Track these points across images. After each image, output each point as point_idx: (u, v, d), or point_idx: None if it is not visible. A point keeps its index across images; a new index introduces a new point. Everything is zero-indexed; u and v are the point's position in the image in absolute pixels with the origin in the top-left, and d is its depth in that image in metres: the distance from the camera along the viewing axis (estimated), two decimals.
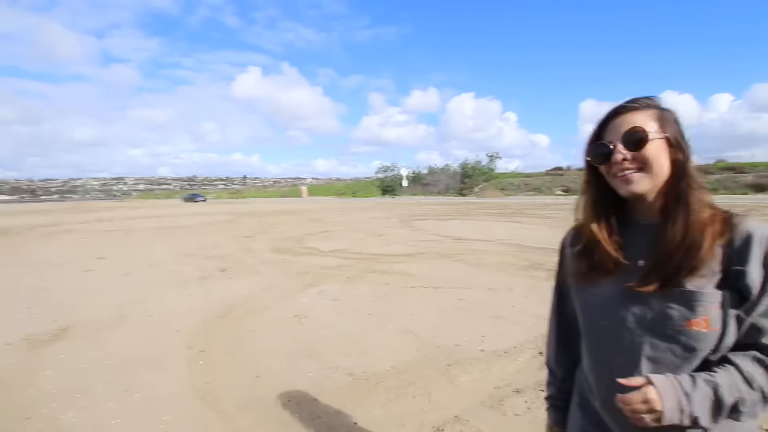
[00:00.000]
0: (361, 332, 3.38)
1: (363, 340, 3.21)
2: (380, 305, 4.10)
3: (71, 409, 2.31)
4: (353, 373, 2.63)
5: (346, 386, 2.48)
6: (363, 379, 2.56)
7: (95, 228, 14.28)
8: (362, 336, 3.29)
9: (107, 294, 4.87)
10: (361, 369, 2.69)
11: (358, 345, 3.11)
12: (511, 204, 22.57)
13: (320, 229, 11.67)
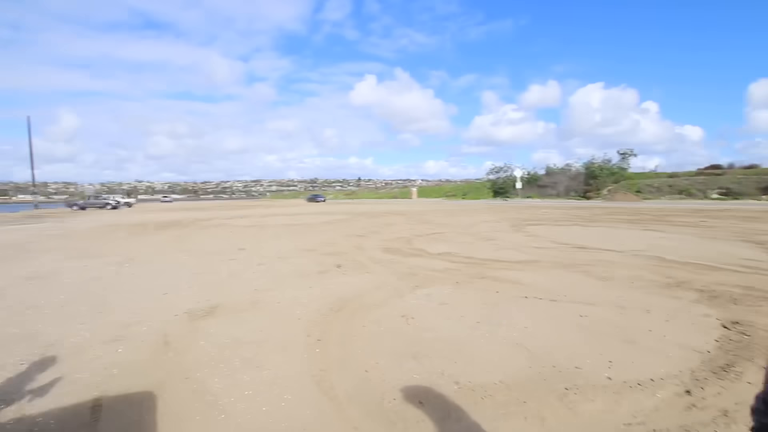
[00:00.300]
0: (468, 339, 3.28)
1: (470, 348, 3.11)
2: (489, 313, 3.93)
3: (216, 376, 2.74)
4: (459, 382, 2.57)
5: (452, 394, 2.43)
6: (469, 389, 2.47)
7: (238, 223, 16.78)
8: (469, 344, 3.19)
9: (245, 280, 5.66)
10: (468, 378, 2.61)
11: (464, 352, 3.02)
12: (648, 209, 19.48)
13: (429, 231, 11.74)
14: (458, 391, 2.46)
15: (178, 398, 2.46)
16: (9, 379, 2.73)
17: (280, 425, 2.15)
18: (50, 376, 2.76)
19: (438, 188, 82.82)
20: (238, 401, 2.41)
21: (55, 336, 3.54)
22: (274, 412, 2.28)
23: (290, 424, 2.16)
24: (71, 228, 15.68)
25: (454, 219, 16.63)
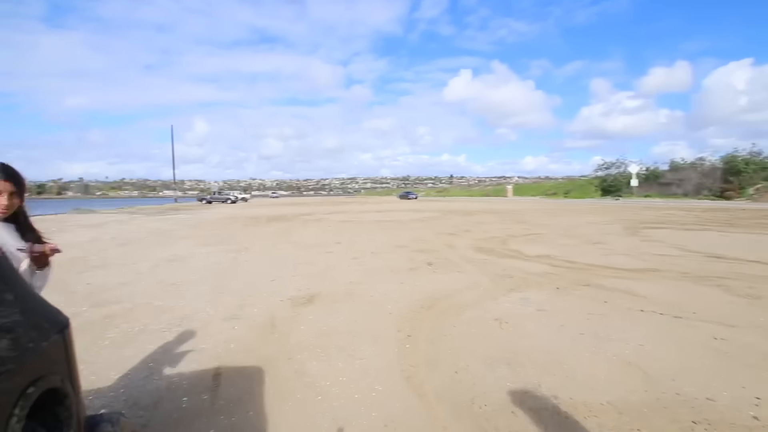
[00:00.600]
0: (569, 352, 3.00)
1: (572, 361, 2.84)
2: (596, 325, 3.54)
3: (314, 360, 2.95)
4: (558, 396, 2.36)
5: (549, 408, 2.24)
6: (570, 406, 2.26)
7: (335, 218, 17.83)
8: (571, 356, 2.92)
9: (341, 273, 5.99)
10: (568, 394, 2.39)
11: (565, 365, 2.77)
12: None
13: (525, 231, 11.05)
14: (557, 407, 2.26)
15: (281, 376, 2.70)
16: (155, 343, 3.30)
17: (371, 414, 2.22)
18: (183, 344, 3.26)
19: (536, 186, 77.53)
20: (333, 386, 2.56)
21: (187, 310, 4.17)
22: (365, 401, 2.37)
23: (380, 414, 2.22)
24: (201, 219, 18.34)
25: (554, 219, 15.39)
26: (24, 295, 0.70)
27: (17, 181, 1.52)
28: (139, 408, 2.32)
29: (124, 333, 3.52)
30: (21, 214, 1.59)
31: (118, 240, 10.43)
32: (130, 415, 2.22)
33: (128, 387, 2.58)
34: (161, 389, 2.54)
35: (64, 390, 0.74)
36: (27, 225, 1.61)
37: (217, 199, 46.32)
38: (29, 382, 0.65)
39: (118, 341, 3.33)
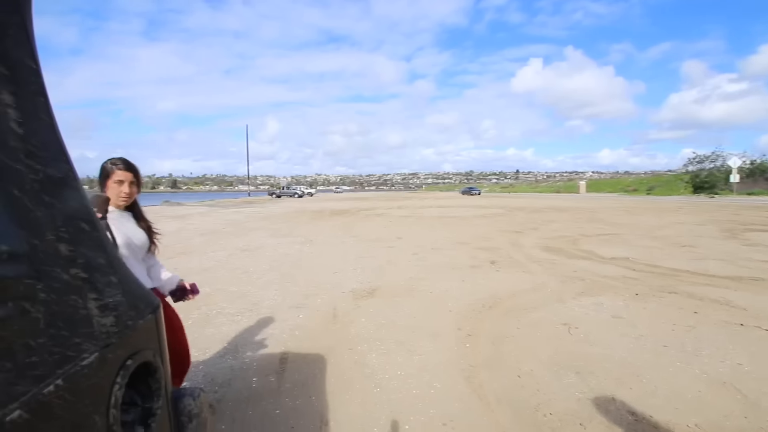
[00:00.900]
0: (650, 365, 2.73)
1: (652, 375, 2.58)
2: (682, 338, 3.18)
3: (374, 352, 3.00)
4: (635, 413, 2.16)
5: (625, 425, 2.06)
6: (650, 425, 2.06)
7: (396, 213, 17.96)
8: (652, 370, 2.65)
9: (402, 267, 6.02)
10: (648, 411, 2.17)
11: (644, 379, 2.53)
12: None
13: (600, 231, 10.23)
14: (634, 424, 2.07)
15: (342, 365, 2.79)
16: (229, 326, 3.59)
17: (428, 411, 2.22)
18: (254, 328, 3.51)
19: (614, 181, 71.42)
20: (392, 379, 2.59)
21: (258, 297, 4.48)
22: (423, 397, 2.36)
23: (438, 411, 2.21)
24: (271, 212, 19.54)
25: (634, 218, 14.05)
26: (125, 278, 0.79)
27: (136, 172, 1.76)
28: (215, 384, 2.55)
29: (204, 315, 3.88)
30: (136, 204, 1.83)
31: (199, 230, 11.48)
32: (208, 390, 2.45)
33: (206, 364, 2.83)
34: (234, 368, 2.76)
35: (156, 364, 0.82)
36: (141, 214, 1.85)
37: (286, 193, 49.08)
38: (128, 355, 0.74)
39: (199, 322, 3.68)
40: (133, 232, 1.75)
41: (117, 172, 1.70)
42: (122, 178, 1.71)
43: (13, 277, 0.52)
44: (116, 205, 1.73)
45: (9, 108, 0.57)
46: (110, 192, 1.71)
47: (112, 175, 1.70)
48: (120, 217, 1.74)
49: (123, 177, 1.71)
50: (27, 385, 0.49)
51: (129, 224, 1.77)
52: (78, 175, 0.71)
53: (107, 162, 1.73)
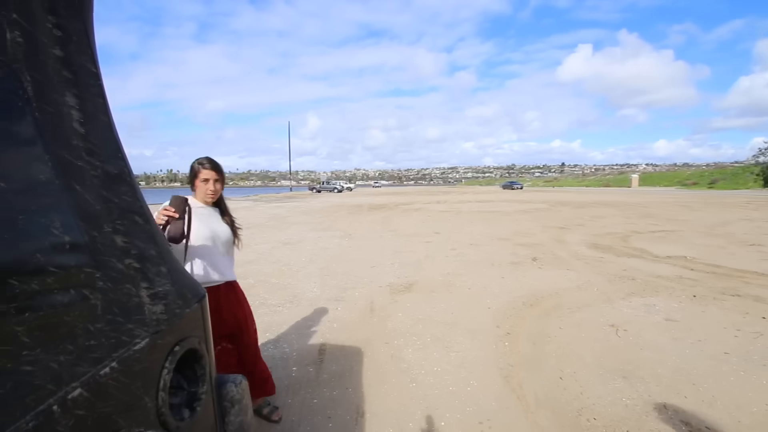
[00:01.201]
0: (707, 372, 2.53)
1: (711, 384, 2.40)
2: (747, 345, 2.92)
3: (410, 347, 3.01)
4: (689, 423, 2.02)
5: None
6: None
7: (435, 208, 17.79)
8: (710, 378, 2.46)
9: (439, 263, 5.97)
10: (705, 422, 2.02)
11: (700, 388, 2.35)
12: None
13: (654, 228, 9.58)
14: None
15: (378, 358, 2.82)
16: (271, 316, 3.73)
17: (465, 408, 2.19)
18: (294, 319, 3.63)
19: (670, 174, 66.59)
20: (428, 375, 2.58)
21: (298, 289, 4.61)
22: (459, 394, 2.34)
23: (475, 410, 2.18)
24: (311, 207, 20.02)
25: (692, 214, 13.03)
26: (174, 269, 0.84)
27: (220, 171, 1.90)
28: None
29: None
30: (222, 200, 1.97)
31: (244, 224, 11.94)
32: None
33: None
34: (275, 357, 2.87)
35: (201, 351, 0.87)
36: (226, 209, 1.99)
37: (325, 188, 50.09)
38: (176, 341, 0.78)
39: None
40: (218, 226, 1.88)
41: (203, 171, 1.84)
42: (208, 177, 1.84)
43: (75, 266, 0.56)
44: (204, 202, 1.88)
45: (72, 109, 0.62)
46: (198, 190, 1.86)
47: (199, 174, 1.84)
48: (207, 212, 1.88)
49: (208, 176, 1.84)
50: (86, 366, 0.54)
51: (214, 219, 1.90)
52: (132, 171, 0.77)
53: (195, 162, 1.87)
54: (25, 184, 0.51)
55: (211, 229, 1.84)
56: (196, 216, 1.78)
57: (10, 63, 0.52)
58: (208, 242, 1.82)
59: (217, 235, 1.87)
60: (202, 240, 1.80)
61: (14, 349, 0.45)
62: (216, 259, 1.87)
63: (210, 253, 1.84)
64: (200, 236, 1.79)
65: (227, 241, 1.92)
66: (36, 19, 0.56)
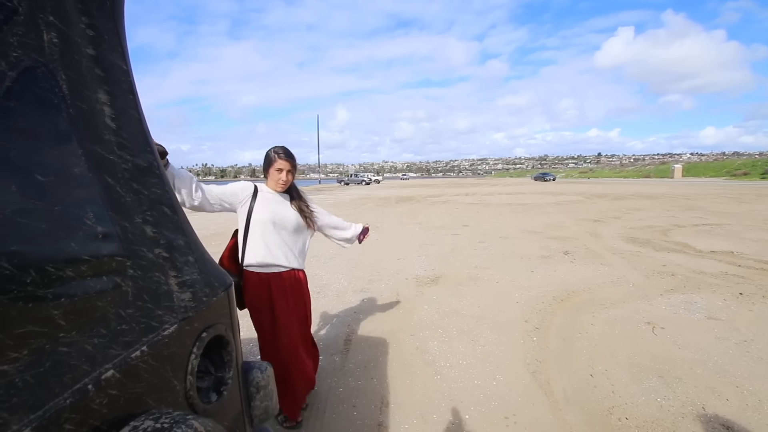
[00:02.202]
0: (753, 374, 2.38)
1: (755, 386, 2.25)
2: None
3: (435, 340, 3.00)
4: (732, 428, 1.91)
5: None
6: None
7: (463, 200, 17.55)
8: (756, 381, 2.31)
9: (467, 256, 5.90)
10: (750, 427, 1.91)
11: (744, 390, 2.22)
12: None
13: (698, 221, 9.05)
14: None
15: (403, 350, 2.84)
16: None
17: (490, 403, 2.17)
18: (321, 309, 3.70)
19: (718, 164, 62.54)
20: (453, 368, 2.57)
21: (325, 280, 4.69)
22: (485, 388, 2.32)
23: (500, 404, 2.15)
24: (339, 199, 20.23)
25: (742, 207, 12.20)
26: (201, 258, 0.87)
27: (293, 161, 1.96)
28: None
29: None
30: (293, 188, 2.04)
31: None
32: None
33: None
34: None
35: (227, 338, 0.90)
36: (295, 196, 2.04)
37: (354, 180, 50.43)
38: (203, 328, 0.81)
39: None
40: (283, 212, 1.93)
41: (279, 161, 1.90)
42: (282, 167, 1.90)
43: (108, 255, 0.60)
44: (274, 189, 1.95)
45: (105, 105, 0.65)
46: (270, 177, 1.93)
47: (274, 163, 1.90)
48: (274, 198, 1.94)
49: (283, 165, 1.90)
50: (118, 349, 0.57)
51: (282, 206, 1.95)
52: (161, 164, 0.80)
53: (271, 150, 1.93)
54: (62, 177, 0.55)
55: (275, 214, 1.89)
56: (261, 200, 1.88)
57: (47, 63, 0.54)
58: (270, 227, 1.87)
59: (282, 220, 1.91)
60: (264, 224, 1.86)
61: (52, 331, 0.48)
62: (281, 245, 1.91)
63: (274, 239, 1.88)
64: (262, 220, 1.86)
65: (294, 228, 1.95)
66: (71, 21, 0.59)
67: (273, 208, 1.89)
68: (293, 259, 1.97)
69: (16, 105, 0.49)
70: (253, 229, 1.86)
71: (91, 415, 0.51)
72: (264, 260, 1.87)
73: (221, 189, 1.86)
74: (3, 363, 0.42)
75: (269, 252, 1.88)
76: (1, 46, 0.47)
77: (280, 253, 1.90)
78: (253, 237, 1.87)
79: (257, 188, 1.93)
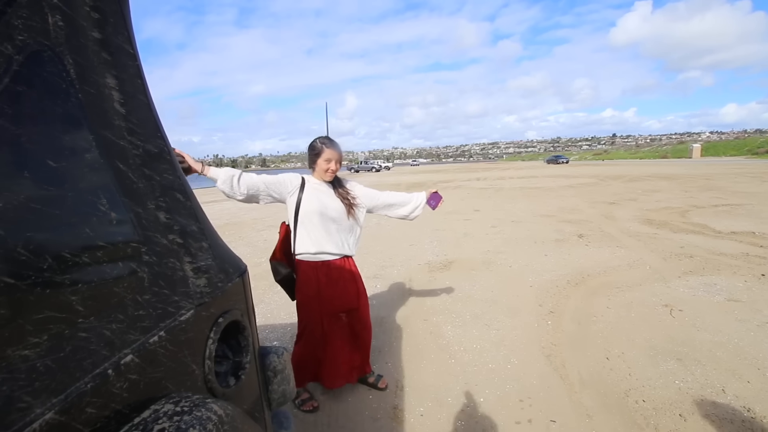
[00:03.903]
0: None
1: None
2: None
3: (448, 324, 3.01)
4: (752, 409, 1.88)
5: (737, 422, 1.81)
6: None
7: (474, 185, 17.38)
8: None
9: (479, 240, 5.86)
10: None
11: (767, 373, 2.17)
12: None
13: (717, 201, 8.81)
14: (750, 421, 1.81)
15: (417, 335, 2.85)
16: None
17: (505, 386, 2.18)
18: None
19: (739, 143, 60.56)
20: (467, 352, 2.58)
21: None
22: (499, 371, 2.32)
23: (515, 387, 2.15)
24: None
25: (765, 186, 11.83)
26: (215, 244, 0.87)
27: (340, 152, 1.99)
28: None
29: None
30: (338, 178, 2.07)
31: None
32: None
33: (294, 325, 3.09)
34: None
35: (243, 323, 0.90)
36: (339, 186, 2.06)
37: (364, 167, 50.33)
38: (219, 313, 0.82)
39: None
40: (329, 202, 1.96)
41: (326, 151, 1.93)
42: (330, 157, 1.93)
43: (122, 241, 0.60)
44: (322, 179, 1.98)
45: (113, 90, 0.64)
46: (317, 167, 1.96)
47: (322, 154, 1.93)
48: (321, 188, 1.97)
49: (330, 155, 1.93)
50: (136, 334, 0.57)
51: (327, 196, 1.98)
52: (172, 150, 0.79)
53: (317, 141, 1.96)
54: (73, 163, 0.54)
55: (322, 203, 1.92)
56: (309, 191, 1.92)
57: (53, 47, 0.53)
58: (318, 216, 1.91)
59: (329, 209, 1.94)
60: (312, 215, 1.90)
61: (71, 317, 0.48)
62: (329, 233, 1.94)
63: (322, 227, 1.92)
64: (311, 210, 1.90)
65: (340, 217, 1.97)
66: (75, 3, 0.58)
67: (321, 198, 1.93)
68: (343, 246, 2.00)
69: (24, 90, 0.48)
70: (302, 220, 1.91)
71: (112, 398, 0.52)
72: (313, 249, 1.92)
73: (269, 180, 1.88)
74: (24, 348, 0.43)
75: (318, 241, 1.92)
76: (6, 29, 0.46)
77: (329, 241, 1.94)
78: (302, 227, 1.91)
79: (305, 179, 1.97)
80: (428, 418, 1.94)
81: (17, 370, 0.41)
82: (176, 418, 0.54)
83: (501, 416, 1.93)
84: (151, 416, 0.54)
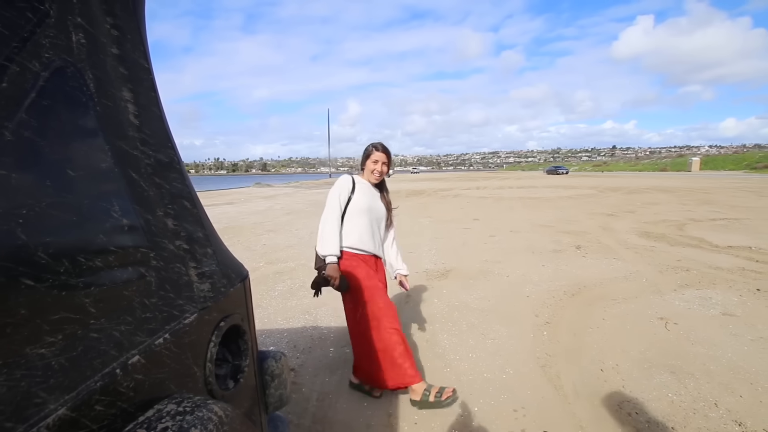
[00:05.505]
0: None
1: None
2: None
3: (445, 332, 3.02)
4: (743, 423, 1.90)
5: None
6: None
7: (474, 194, 17.45)
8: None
9: (477, 250, 5.89)
10: (764, 424, 1.89)
11: (759, 388, 2.19)
12: None
13: (714, 215, 8.86)
14: None
15: (412, 342, 2.86)
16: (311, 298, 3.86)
17: (499, 395, 2.19)
18: (332, 302, 3.72)
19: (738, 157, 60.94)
20: (462, 361, 2.59)
21: None
22: (494, 381, 2.34)
23: (509, 397, 2.17)
24: None
25: (762, 201, 11.90)
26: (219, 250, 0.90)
27: (389, 156, 2.13)
28: (297, 350, 2.79)
29: (288, 287, 4.23)
30: (384, 183, 2.22)
31: (285, 209, 12.39)
32: (291, 355, 2.69)
33: (290, 332, 3.11)
34: (314, 337, 2.99)
35: (243, 327, 0.93)
36: (385, 191, 2.23)
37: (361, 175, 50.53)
38: (221, 318, 0.85)
39: (284, 293, 4.03)
40: (375, 203, 2.12)
41: (376, 153, 2.08)
42: (378, 158, 2.08)
43: (132, 246, 0.63)
44: (369, 180, 2.13)
45: (128, 103, 0.67)
46: (366, 169, 2.11)
47: (371, 156, 2.08)
48: (369, 190, 2.12)
49: (379, 158, 2.08)
50: (143, 336, 0.60)
51: (375, 198, 2.14)
52: (181, 159, 0.82)
53: (369, 145, 2.12)
54: (89, 172, 0.57)
55: (369, 204, 2.07)
56: (359, 190, 2.06)
57: (75, 63, 0.57)
58: (365, 215, 2.05)
59: (374, 210, 2.09)
60: (359, 213, 2.05)
61: (84, 318, 0.51)
62: (372, 232, 2.09)
63: (366, 226, 2.06)
64: (359, 209, 2.04)
65: (382, 218, 2.14)
66: (96, 21, 0.61)
67: (368, 198, 2.08)
68: (380, 246, 2.15)
69: (48, 104, 0.51)
70: (349, 215, 2.06)
71: (119, 397, 0.54)
72: (356, 244, 2.06)
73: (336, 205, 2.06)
74: (41, 347, 0.45)
75: (361, 237, 2.06)
76: (35, 48, 0.50)
77: (370, 239, 2.08)
78: (349, 222, 2.06)
79: (354, 180, 2.10)
80: (422, 427, 1.96)
81: (35, 368, 0.44)
82: (179, 417, 0.57)
83: (495, 426, 1.94)
84: (155, 415, 0.56)
